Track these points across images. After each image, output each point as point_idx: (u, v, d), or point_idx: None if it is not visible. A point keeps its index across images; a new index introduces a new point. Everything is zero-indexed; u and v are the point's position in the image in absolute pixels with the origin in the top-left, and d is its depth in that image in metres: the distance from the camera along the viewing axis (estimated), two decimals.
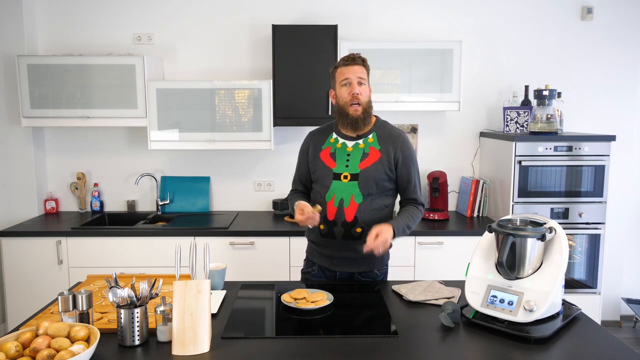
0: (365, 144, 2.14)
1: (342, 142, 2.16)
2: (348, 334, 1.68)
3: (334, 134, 2.20)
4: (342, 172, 2.11)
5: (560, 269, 1.68)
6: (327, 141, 2.19)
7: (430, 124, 3.72)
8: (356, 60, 2.11)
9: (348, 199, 2.09)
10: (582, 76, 3.69)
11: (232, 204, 3.76)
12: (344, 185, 2.10)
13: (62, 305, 1.60)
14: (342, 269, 2.19)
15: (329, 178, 2.12)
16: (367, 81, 2.13)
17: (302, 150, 2.28)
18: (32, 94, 3.31)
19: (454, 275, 2.83)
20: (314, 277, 2.27)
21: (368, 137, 2.15)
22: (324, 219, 2.12)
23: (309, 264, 2.30)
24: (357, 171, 2.09)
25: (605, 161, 3.17)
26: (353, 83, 2.09)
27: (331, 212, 2.11)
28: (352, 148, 2.14)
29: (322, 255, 2.22)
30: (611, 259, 3.74)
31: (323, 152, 2.17)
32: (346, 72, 2.09)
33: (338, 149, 2.15)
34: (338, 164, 2.12)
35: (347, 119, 2.11)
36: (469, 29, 3.63)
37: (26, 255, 3.15)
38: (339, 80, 2.13)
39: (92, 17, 3.59)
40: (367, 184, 2.09)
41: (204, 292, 1.60)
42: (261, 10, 3.60)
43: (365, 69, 2.13)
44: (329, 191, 2.12)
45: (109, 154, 3.71)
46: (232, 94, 3.29)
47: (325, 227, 2.14)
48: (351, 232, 2.10)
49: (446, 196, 3.60)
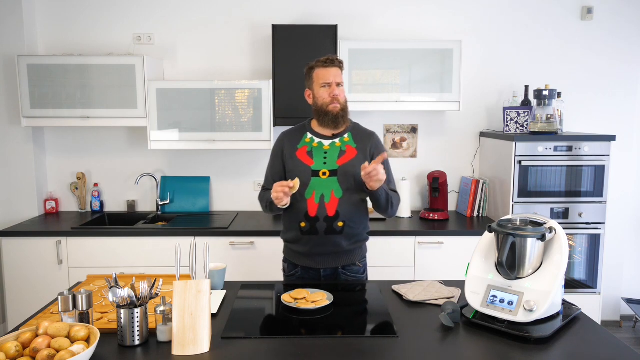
0: (342, 143, 2.22)
1: (319, 141, 2.23)
2: (348, 334, 1.68)
3: (308, 133, 2.26)
4: (321, 169, 2.17)
5: (560, 269, 1.68)
6: (303, 140, 2.25)
7: (430, 124, 3.72)
8: (335, 63, 2.20)
9: (329, 195, 2.15)
10: (582, 76, 3.69)
11: (232, 204, 3.76)
12: (324, 182, 2.16)
13: (62, 305, 1.60)
14: (326, 265, 2.22)
15: (308, 175, 2.17)
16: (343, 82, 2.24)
17: (276, 151, 2.31)
18: (32, 94, 3.31)
19: (454, 275, 2.83)
20: (298, 279, 2.28)
21: (344, 136, 2.24)
22: (304, 216, 2.16)
23: (291, 267, 2.30)
24: (335, 167, 2.17)
25: (605, 161, 3.17)
26: (333, 85, 2.19)
27: (312, 208, 2.15)
28: (329, 146, 2.22)
29: (302, 255, 2.24)
30: (611, 259, 3.75)
31: (299, 151, 2.23)
32: (326, 75, 2.19)
33: (315, 147, 2.22)
34: (316, 162, 2.19)
35: (328, 116, 2.19)
36: (469, 29, 3.63)
37: (26, 255, 3.15)
38: (317, 81, 2.21)
39: (92, 17, 3.59)
40: (346, 179, 2.16)
41: (204, 292, 1.60)
42: (261, 10, 3.60)
43: (341, 70, 2.23)
44: (308, 188, 2.16)
45: (109, 154, 3.71)
46: (232, 94, 3.30)
47: (307, 224, 2.16)
48: (333, 226, 2.15)
49: (446, 196, 3.60)
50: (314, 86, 2.22)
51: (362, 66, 3.32)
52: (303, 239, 2.20)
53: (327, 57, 2.21)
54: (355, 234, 2.21)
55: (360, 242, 2.27)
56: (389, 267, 3.16)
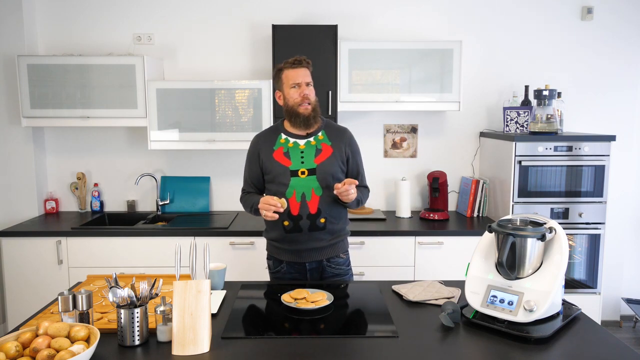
0: (317, 141, 2.27)
1: (294, 141, 2.27)
2: (348, 334, 1.68)
3: (282, 134, 2.29)
4: (299, 168, 2.22)
5: (560, 269, 1.68)
6: (277, 142, 2.28)
7: (430, 124, 3.72)
8: (302, 63, 2.25)
9: (309, 193, 2.20)
10: (582, 76, 3.69)
11: (232, 204, 3.76)
12: (303, 181, 2.20)
13: (62, 305, 1.60)
14: (310, 258, 2.28)
15: (287, 176, 2.21)
16: (312, 82, 2.28)
17: (252, 154, 2.34)
18: (32, 94, 3.31)
19: (454, 275, 2.84)
20: (284, 274, 2.32)
21: (318, 134, 2.29)
22: (287, 215, 2.20)
23: (277, 263, 2.34)
24: (313, 166, 2.22)
25: (605, 161, 3.17)
26: (302, 85, 2.23)
27: (295, 207, 2.20)
28: (304, 146, 2.26)
29: (287, 251, 2.29)
30: (611, 259, 3.74)
31: (276, 152, 2.26)
32: (295, 75, 2.23)
33: (290, 148, 2.25)
34: (293, 162, 2.23)
35: (299, 117, 2.23)
36: (469, 29, 3.63)
37: (26, 255, 3.15)
38: (287, 82, 2.25)
39: (92, 17, 3.59)
40: (325, 177, 2.22)
41: (204, 292, 1.60)
42: (261, 10, 3.60)
43: (309, 71, 2.28)
44: (288, 188, 2.20)
45: (109, 154, 3.71)
46: (232, 94, 3.30)
47: (290, 223, 2.21)
48: (316, 223, 2.22)
49: (446, 196, 3.60)
50: (283, 87, 2.27)
51: (362, 66, 3.32)
52: (287, 237, 2.25)
53: (295, 57, 2.26)
54: (336, 230, 2.29)
55: (342, 236, 2.34)
56: (389, 267, 3.16)
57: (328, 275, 2.31)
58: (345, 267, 2.35)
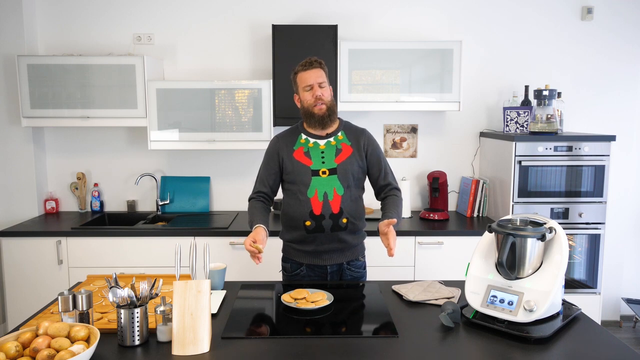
0: (337, 141, 2.26)
1: (314, 141, 2.26)
2: (348, 334, 1.68)
3: (302, 135, 2.29)
4: (320, 168, 2.21)
5: (560, 269, 1.68)
6: (298, 142, 2.28)
7: (430, 124, 3.72)
8: (314, 64, 2.24)
9: (331, 192, 2.19)
10: (582, 76, 3.69)
11: (232, 204, 3.76)
12: (325, 180, 2.19)
13: (62, 305, 1.60)
14: (332, 261, 2.25)
15: (308, 175, 2.20)
16: (327, 82, 2.27)
17: (271, 153, 2.32)
18: (32, 94, 3.31)
19: (454, 275, 2.83)
20: (303, 277, 2.29)
21: (337, 134, 2.28)
22: (310, 215, 2.18)
23: (295, 266, 2.30)
24: (334, 165, 2.21)
25: (605, 161, 3.17)
26: (315, 87, 2.22)
27: (317, 207, 2.18)
28: (324, 146, 2.25)
29: (307, 253, 2.26)
30: (611, 259, 3.74)
31: (296, 152, 2.25)
32: (307, 78, 2.23)
33: (311, 148, 2.25)
34: (314, 162, 2.22)
35: (314, 118, 2.22)
36: (469, 29, 3.63)
37: (26, 255, 3.15)
38: (301, 85, 2.26)
39: (92, 17, 3.59)
40: (346, 176, 2.21)
41: (204, 292, 1.60)
42: (261, 10, 3.60)
43: (323, 70, 2.26)
44: (310, 188, 2.19)
45: (109, 154, 3.71)
46: (232, 94, 3.30)
47: (313, 222, 2.19)
48: (338, 223, 2.19)
49: (446, 196, 3.60)
50: (299, 90, 2.27)
51: (362, 66, 3.32)
52: (309, 238, 2.22)
53: (307, 59, 2.25)
54: (357, 229, 2.27)
55: (362, 237, 2.33)
56: (389, 267, 3.15)
57: (347, 279, 2.29)
58: (362, 270, 2.35)
